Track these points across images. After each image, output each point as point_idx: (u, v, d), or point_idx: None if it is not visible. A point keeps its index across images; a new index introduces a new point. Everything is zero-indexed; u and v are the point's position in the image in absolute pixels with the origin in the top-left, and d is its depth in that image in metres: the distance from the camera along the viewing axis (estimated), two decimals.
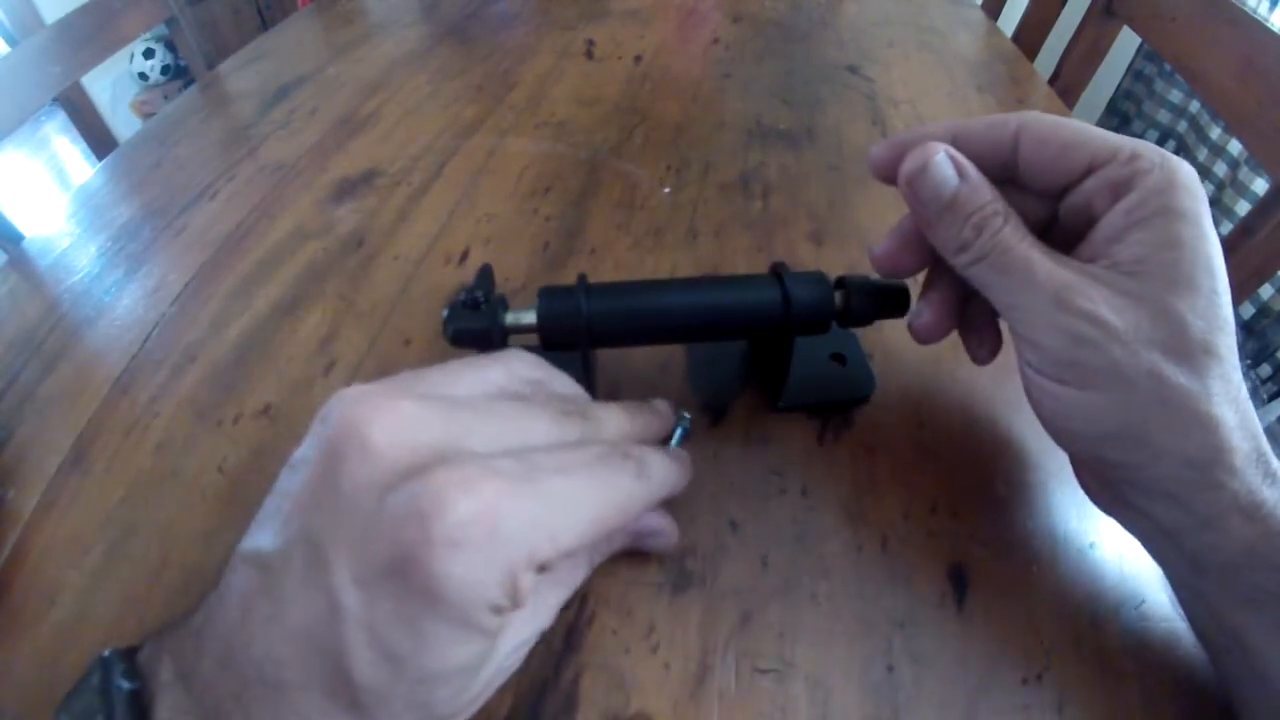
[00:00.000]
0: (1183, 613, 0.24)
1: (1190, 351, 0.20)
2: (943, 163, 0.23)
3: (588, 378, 0.29)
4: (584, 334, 0.27)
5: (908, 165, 0.24)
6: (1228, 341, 0.20)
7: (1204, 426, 0.19)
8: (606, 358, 0.33)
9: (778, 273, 0.28)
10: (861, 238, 0.41)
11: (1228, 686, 0.22)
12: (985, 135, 0.24)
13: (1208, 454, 0.19)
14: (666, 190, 0.46)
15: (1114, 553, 0.27)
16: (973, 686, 0.23)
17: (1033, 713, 0.23)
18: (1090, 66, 0.70)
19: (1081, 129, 0.22)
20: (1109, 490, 0.24)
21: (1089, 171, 0.22)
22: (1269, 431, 1.03)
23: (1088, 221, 0.23)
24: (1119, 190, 0.21)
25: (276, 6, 2.01)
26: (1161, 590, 0.26)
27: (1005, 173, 0.24)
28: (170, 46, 2.01)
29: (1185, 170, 0.21)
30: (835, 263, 0.40)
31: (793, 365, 0.29)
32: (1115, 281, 0.21)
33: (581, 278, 0.28)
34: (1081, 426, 0.22)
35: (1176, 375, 0.20)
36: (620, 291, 0.28)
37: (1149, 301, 0.20)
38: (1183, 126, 1.30)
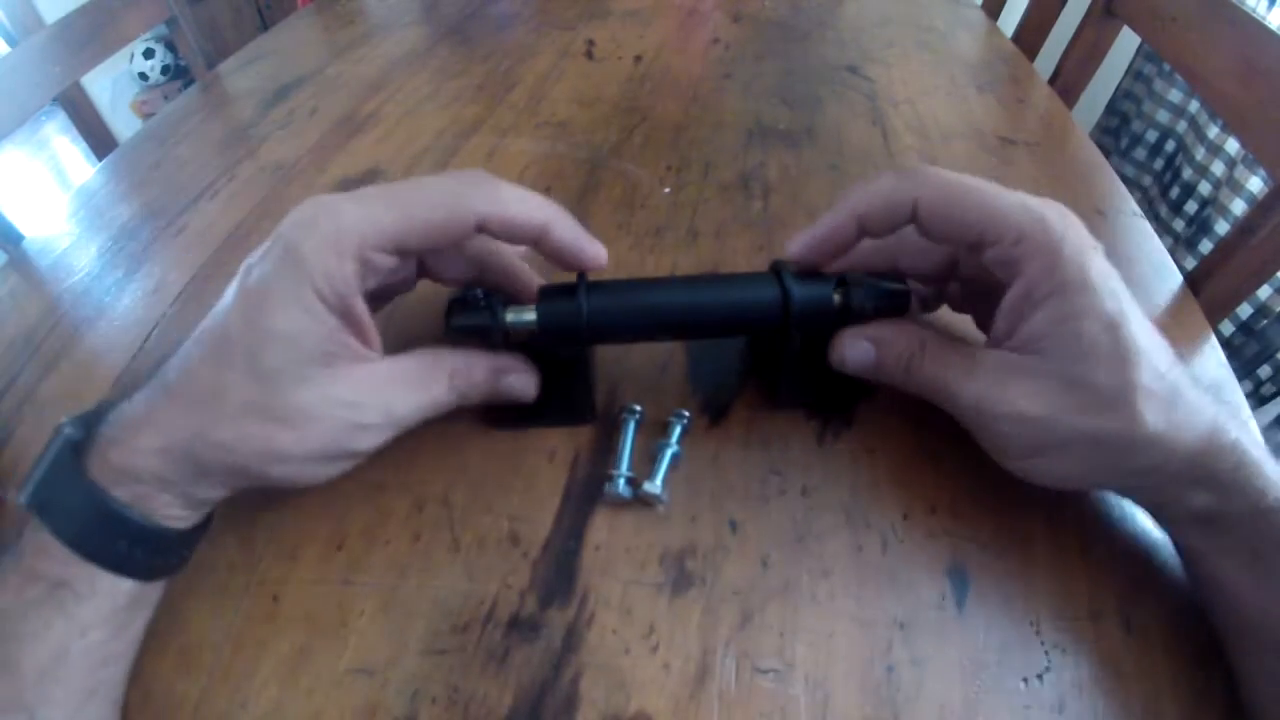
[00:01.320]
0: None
1: (1109, 405, 0.22)
2: (856, 354, 0.27)
3: (586, 375, 0.29)
4: (583, 331, 0.27)
5: (834, 357, 0.28)
6: (1140, 373, 0.22)
7: (1152, 446, 0.22)
8: (606, 358, 0.33)
9: (778, 271, 0.28)
10: None
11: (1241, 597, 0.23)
12: (886, 212, 0.25)
13: (1165, 461, 0.22)
14: (667, 190, 0.46)
15: (1113, 553, 0.27)
16: (973, 686, 0.23)
17: (1033, 713, 0.23)
18: (1090, 66, 0.70)
19: (973, 202, 0.24)
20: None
21: (980, 245, 0.24)
22: (1268, 431, 1.03)
23: (987, 279, 0.26)
24: (1011, 269, 0.24)
25: (276, 6, 2.01)
26: (1162, 590, 0.26)
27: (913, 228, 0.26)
28: (170, 46, 2.01)
29: (1070, 238, 0.23)
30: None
31: (794, 362, 0.29)
32: (1026, 365, 0.23)
33: (581, 276, 0.28)
34: (1063, 480, 0.25)
35: (1107, 425, 0.22)
36: (620, 289, 0.28)
37: (1061, 376, 0.23)
38: (1182, 126, 1.29)
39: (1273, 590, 0.22)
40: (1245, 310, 1.10)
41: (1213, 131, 1.18)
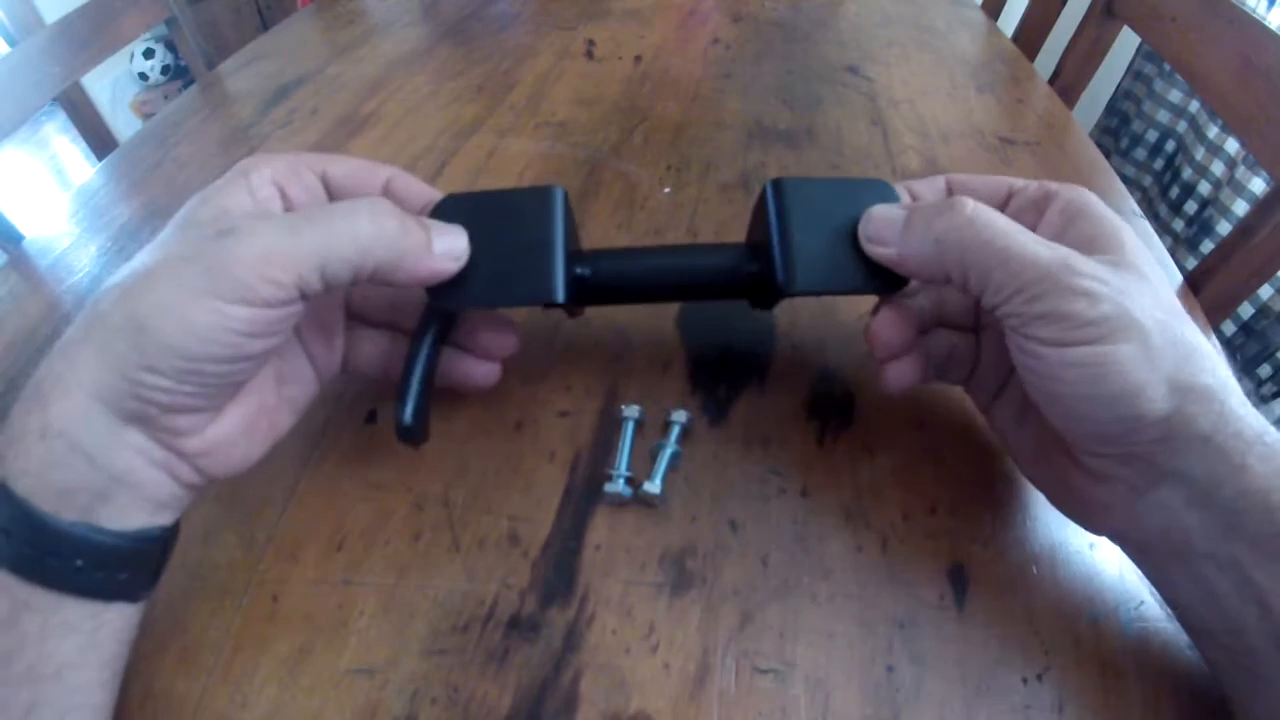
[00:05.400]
0: (1195, 622, 0.23)
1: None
2: (880, 209, 0.25)
3: (550, 243, 0.26)
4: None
5: (861, 229, 0.26)
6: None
7: (1208, 356, 0.21)
8: (607, 355, 0.33)
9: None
10: None
11: (1235, 699, 0.22)
12: (928, 192, 0.27)
13: (1219, 380, 0.21)
14: (667, 190, 0.46)
15: (1114, 553, 0.27)
16: (973, 686, 0.23)
17: (1033, 713, 0.23)
18: (1090, 66, 0.70)
19: (991, 176, 0.27)
20: (1132, 473, 0.22)
21: (1010, 197, 0.26)
22: None
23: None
24: (1040, 204, 0.25)
25: (276, 6, 2.01)
26: None
27: None
28: (170, 46, 2.01)
29: (1082, 189, 0.25)
30: None
31: (811, 240, 0.26)
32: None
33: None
34: (1118, 385, 0.20)
35: (1175, 312, 0.21)
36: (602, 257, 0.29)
37: (1120, 266, 0.22)
38: (1182, 126, 1.29)
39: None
40: (1246, 310, 1.10)
41: (1212, 131, 1.18)
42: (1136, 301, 0.21)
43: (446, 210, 0.27)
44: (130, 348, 0.20)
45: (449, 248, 0.25)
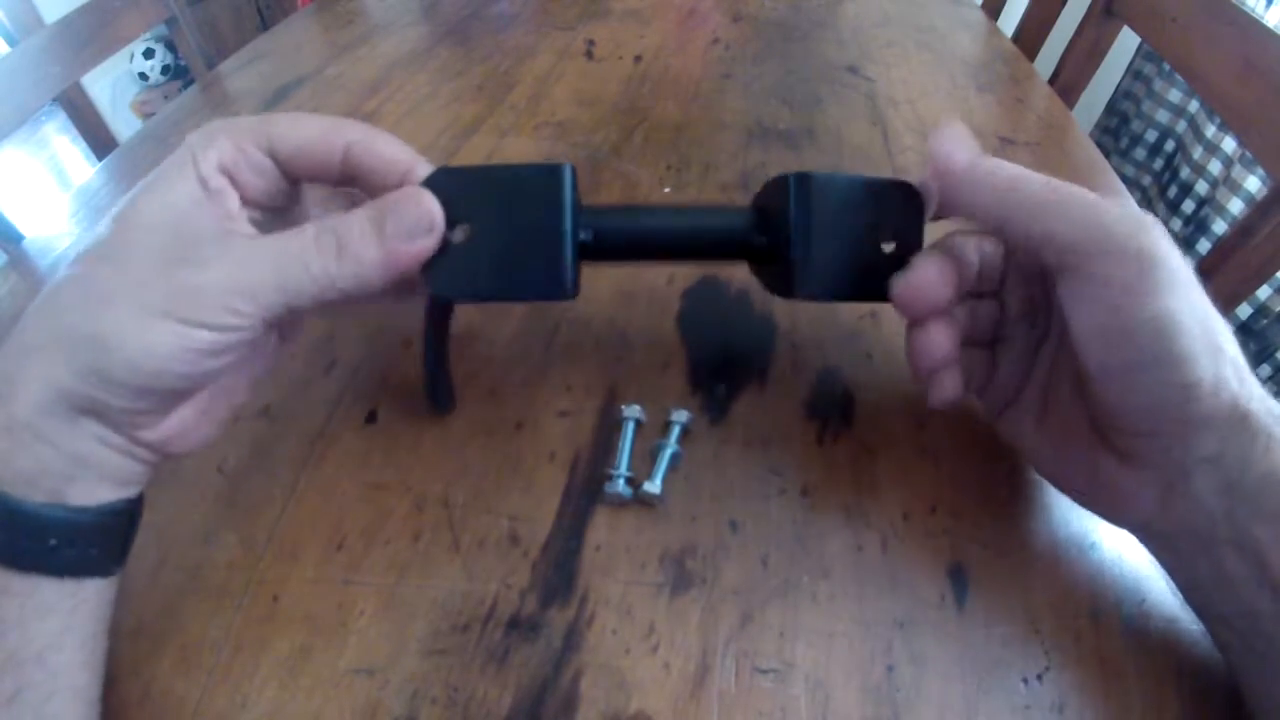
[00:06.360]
0: (1208, 599, 0.23)
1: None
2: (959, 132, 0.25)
3: (559, 237, 0.25)
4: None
5: (935, 144, 0.25)
6: None
7: (1219, 318, 0.22)
8: (608, 356, 0.33)
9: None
10: None
11: (1246, 682, 0.22)
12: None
13: (1239, 356, 0.21)
14: (667, 190, 0.46)
15: (1114, 553, 0.27)
16: (973, 686, 0.23)
17: (1033, 713, 0.23)
18: (1090, 66, 0.70)
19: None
20: (1167, 458, 0.22)
21: None
22: None
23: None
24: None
25: (276, 6, 2.01)
26: (1162, 590, 0.26)
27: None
28: (170, 46, 2.01)
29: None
30: None
31: (833, 247, 0.25)
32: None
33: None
34: (1183, 346, 0.20)
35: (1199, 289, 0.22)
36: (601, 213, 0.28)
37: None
38: (1181, 126, 1.30)
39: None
40: (1245, 310, 1.10)
41: (1210, 130, 1.18)
42: (1177, 261, 0.21)
43: (439, 186, 0.24)
44: (91, 360, 0.20)
45: (414, 223, 0.23)
